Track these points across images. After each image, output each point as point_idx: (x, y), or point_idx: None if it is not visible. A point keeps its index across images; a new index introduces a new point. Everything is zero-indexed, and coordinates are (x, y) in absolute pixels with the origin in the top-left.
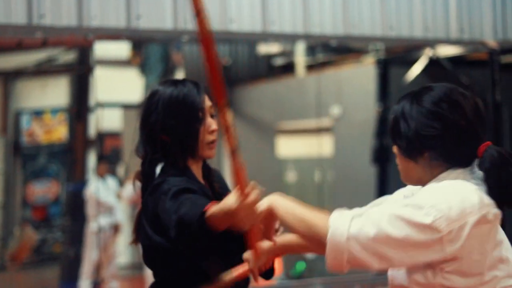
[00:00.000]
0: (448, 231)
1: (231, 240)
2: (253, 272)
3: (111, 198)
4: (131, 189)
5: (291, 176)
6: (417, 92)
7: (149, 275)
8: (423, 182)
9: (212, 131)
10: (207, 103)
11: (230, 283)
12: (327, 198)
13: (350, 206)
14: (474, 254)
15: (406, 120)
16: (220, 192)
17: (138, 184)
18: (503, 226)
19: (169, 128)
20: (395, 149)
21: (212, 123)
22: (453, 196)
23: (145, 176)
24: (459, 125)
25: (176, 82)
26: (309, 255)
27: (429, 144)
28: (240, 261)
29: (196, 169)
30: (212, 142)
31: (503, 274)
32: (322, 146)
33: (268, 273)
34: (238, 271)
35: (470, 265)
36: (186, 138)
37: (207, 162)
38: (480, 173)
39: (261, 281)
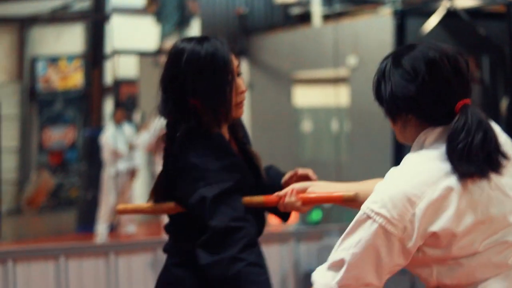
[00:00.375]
0: (401, 230)
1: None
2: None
3: (123, 147)
4: (146, 136)
5: (307, 125)
6: (398, 51)
7: (165, 219)
8: (407, 140)
9: (242, 92)
10: (235, 62)
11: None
12: (343, 148)
13: (367, 155)
14: (437, 230)
15: (386, 81)
16: (244, 141)
17: (157, 130)
18: None
19: (200, 92)
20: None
21: (241, 84)
22: (395, 192)
23: (170, 139)
24: (435, 85)
25: (201, 40)
26: (326, 204)
27: (407, 105)
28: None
29: (224, 129)
30: (241, 102)
31: (485, 235)
32: (339, 96)
33: (285, 215)
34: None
35: (437, 239)
36: (218, 102)
37: None
38: None
39: (279, 221)
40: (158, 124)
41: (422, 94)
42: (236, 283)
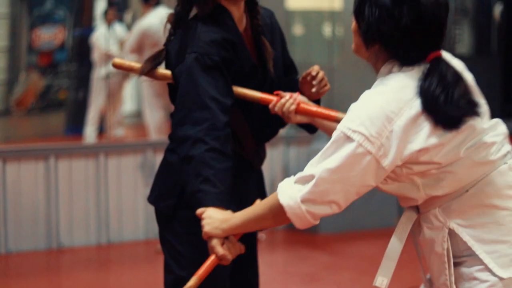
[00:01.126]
0: (377, 148)
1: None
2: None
3: (115, 47)
4: (129, 39)
5: (298, 29)
6: None
7: (149, 122)
8: (368, 61)
9: None
10: None
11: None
12: (336, 53)
13: (359, 60)
14: (425, 146)
15: (372, 6)
16: (259, 30)
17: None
18: None
19: None
20: (354, 22)
21: None
22: (372, 110)
23: (177, 16)
24: (416, 28)
25: None
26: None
27: (383, 39)
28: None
29: (236, 11)
30: None
31: (465, 142)
32: None
33: (313, 128)
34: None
35: (425, 154)
36: None
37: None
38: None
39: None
40: (139, 27)
41: (402, 34)
42: (194, 164)
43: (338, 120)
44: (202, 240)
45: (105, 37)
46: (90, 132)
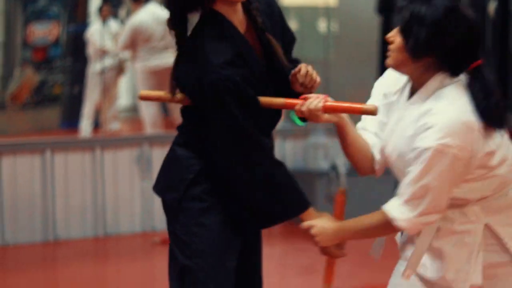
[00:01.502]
0: (470, 152)
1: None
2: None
3: (109, 43)
4: (122, 36)
5: (293, 24)
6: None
7: (145, 117)
8: (409, 76)
9: None
10: None
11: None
12: (331, 48)
13: (353, 56)
14: (493, 148)
15: (421, 25)
16: (262, 28)
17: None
18: None
19: None
20: (398, 38)
21: None
22: (454, 123)
23: (172, 16)
24: (467, 39)
25: None
26: None
27: (433, 52)
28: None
29: (234, 13)
30: None
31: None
32: None
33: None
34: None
35: (490, 158)
36: None
37: None
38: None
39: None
40: (131, 24)
41: (456, 47)
42: (274, 182)
43: (364, 112)
44: (207, 230)
45: (100, 33)
46: (85, 126)
